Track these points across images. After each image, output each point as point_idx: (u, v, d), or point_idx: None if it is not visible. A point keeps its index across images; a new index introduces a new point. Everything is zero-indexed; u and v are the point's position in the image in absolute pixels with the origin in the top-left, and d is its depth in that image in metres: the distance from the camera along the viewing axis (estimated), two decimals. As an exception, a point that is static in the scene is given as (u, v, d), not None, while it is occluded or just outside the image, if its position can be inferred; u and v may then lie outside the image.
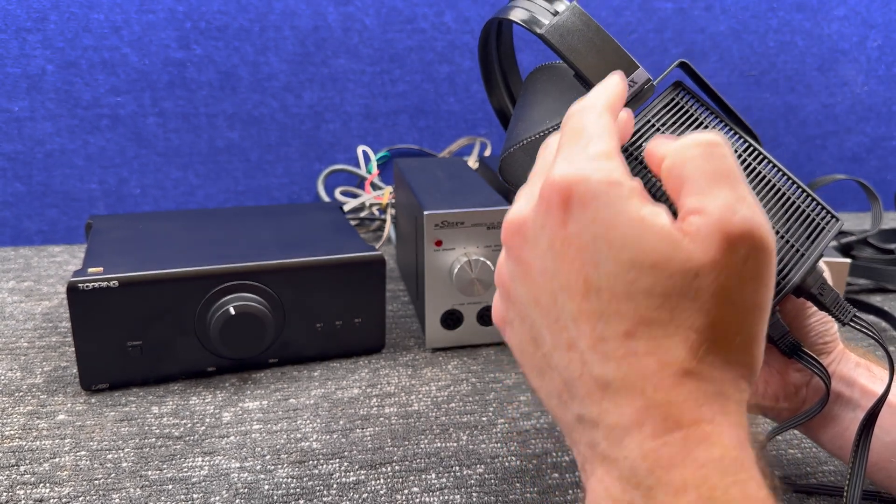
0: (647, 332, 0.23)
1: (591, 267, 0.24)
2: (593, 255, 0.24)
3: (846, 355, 0.37)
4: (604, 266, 0.24)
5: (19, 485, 0.40)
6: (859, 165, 0.94)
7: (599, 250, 0.24)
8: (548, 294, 0.26)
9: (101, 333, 0.47)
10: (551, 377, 0.26)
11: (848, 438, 0.36)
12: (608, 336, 0.24)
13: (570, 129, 0.27)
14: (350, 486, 0.41)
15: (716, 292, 0.23)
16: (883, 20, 0.88)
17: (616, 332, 0.24)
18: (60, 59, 0.72)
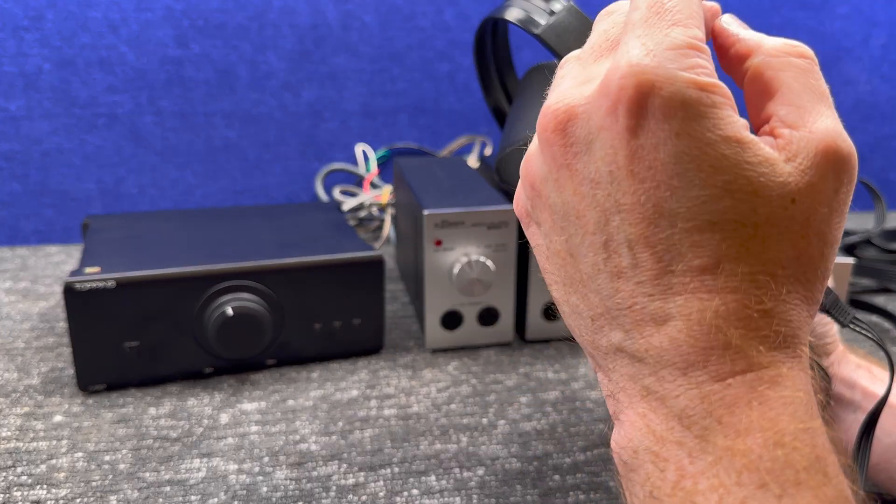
0: (731, 268, 0.20)
1: (666, 190, 0.20)
2: (673, 177, 0.20)
3: (846, 357, 0.37)
4: (688, 191, 0.20)
5: (16, 486, 0.40)
6: (863, 164, 0.94)
7: (683, 172, 0.20)
8: (597, 211, 0.22)
9: (98, 334, 0.47)
10: (587, 299, 0.23)
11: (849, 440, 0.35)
12: (677, 269, 0.21)
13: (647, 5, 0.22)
14: (349, 489, 0.40)
15: (807, 221, 0.21)
16: (887, 18, 0.88)
17: (689, 266, 0.21)
18: (57, 57, 0.72)
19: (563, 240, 0.24)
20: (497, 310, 0.55)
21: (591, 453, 0.44)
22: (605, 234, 0.22)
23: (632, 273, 0.22)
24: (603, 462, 0.43)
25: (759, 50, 0.23)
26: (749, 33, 0.24)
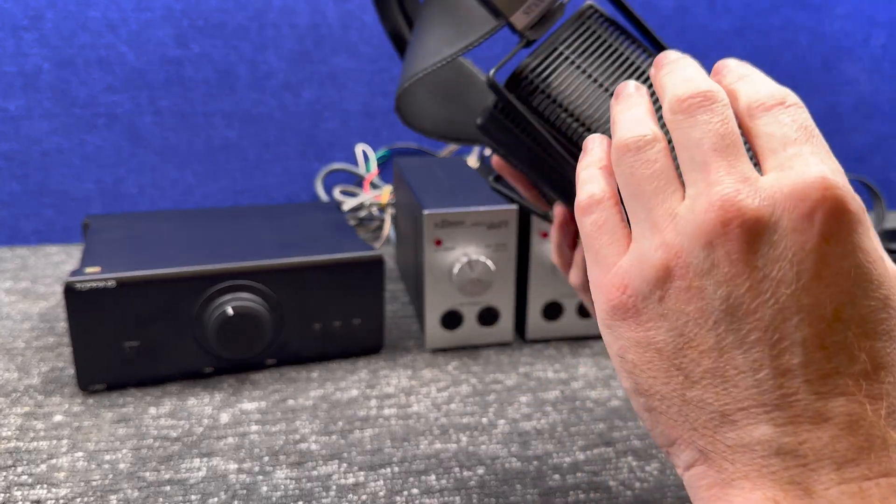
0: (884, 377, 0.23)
1: (846, 296, 0.23)
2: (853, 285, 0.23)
3: None
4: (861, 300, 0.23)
5: (16, 486, 0.40)
6: (863, 164, 0.94)
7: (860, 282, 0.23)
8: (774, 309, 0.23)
9: (98, 334, 0.47)
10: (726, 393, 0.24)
11: None
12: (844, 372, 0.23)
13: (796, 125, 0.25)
14: (349, 488, 0.40)
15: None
16: (887, 18, 0.88)
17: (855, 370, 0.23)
18: (57, 57, 0.72)
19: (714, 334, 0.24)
20: (497, 310, 0.55)
21: (591, 453, 0.44)
22: (778, 332, 0.23)
23: (800, 371, 0.23)
24: (603, 462, 0.43)
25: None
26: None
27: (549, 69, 0.29)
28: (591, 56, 0.30)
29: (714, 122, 0.25)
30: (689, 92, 0.26)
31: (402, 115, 0.35)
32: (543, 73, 0.29)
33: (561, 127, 0.29)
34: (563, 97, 0.29)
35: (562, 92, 0.29)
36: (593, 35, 0.30)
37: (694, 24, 0.84)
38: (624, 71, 0.30)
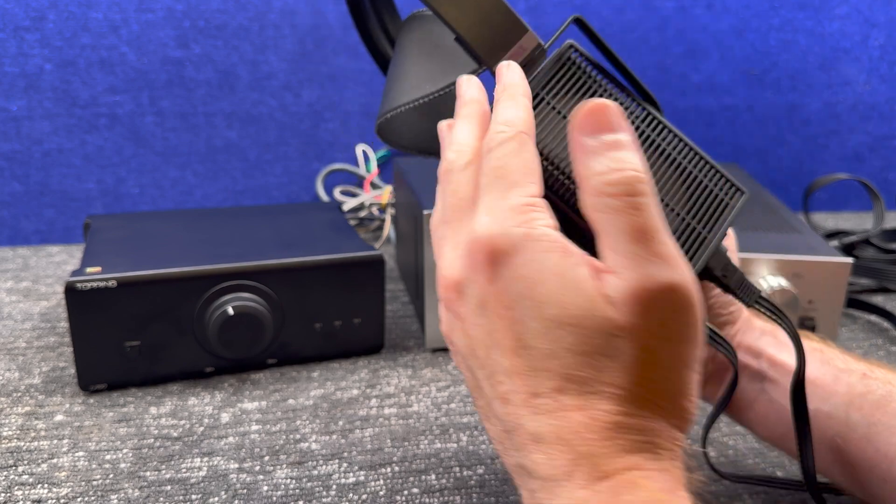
0: (574, 388, 0.24)
1: (519, 325, 0.25)
2: (520, 312, 0.25)
3: (750, 324, 0.37)
4: (530, 323, 0.24)
5: (17, 485, 0.40)
6: (861, 164, 0.94)
7: (525, 308, 0.25)
8: (483, 348, 0.26)
9: (99, 334, 0.47)
10: (494, 424, 0.27)
11: (758, 411, 0.36)
12: (540, 391, 0.24)
13: (492, 169, 0.26)
14: (349, 487, 0.40)
15: (637, 354, 0.24)
16: (885, 19, 0.88)
17: (546, 388, 0.24)
18: (58, 58, 0.72)
19: (470, 375, 0.28)
20: (497, 309, 0.55)
21: (591, 452, 0.44)
22: (490, 366, 0.26)
23: (513, 398, 0.25)
24: (602, 461, 0.43)
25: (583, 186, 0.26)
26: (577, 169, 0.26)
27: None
28: (570, 98, 0.29)
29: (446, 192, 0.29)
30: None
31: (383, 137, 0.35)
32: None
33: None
34: (542, 143, 0.28)
35: (540, 138, 0.28)
36: (572, 77, 0.30)
37: (693, 24, 0.85)
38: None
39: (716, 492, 0.40)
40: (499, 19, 0.28)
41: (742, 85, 0.88)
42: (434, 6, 0.28)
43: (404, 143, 0.36)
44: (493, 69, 0.29)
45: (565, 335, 0.24)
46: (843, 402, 0.34)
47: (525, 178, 0.26)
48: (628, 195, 0.24)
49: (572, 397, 0.24)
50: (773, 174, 0.92)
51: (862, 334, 0.61)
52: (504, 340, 0.25)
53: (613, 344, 0.24)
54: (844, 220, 0.90)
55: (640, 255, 0.24)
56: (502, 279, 0.25)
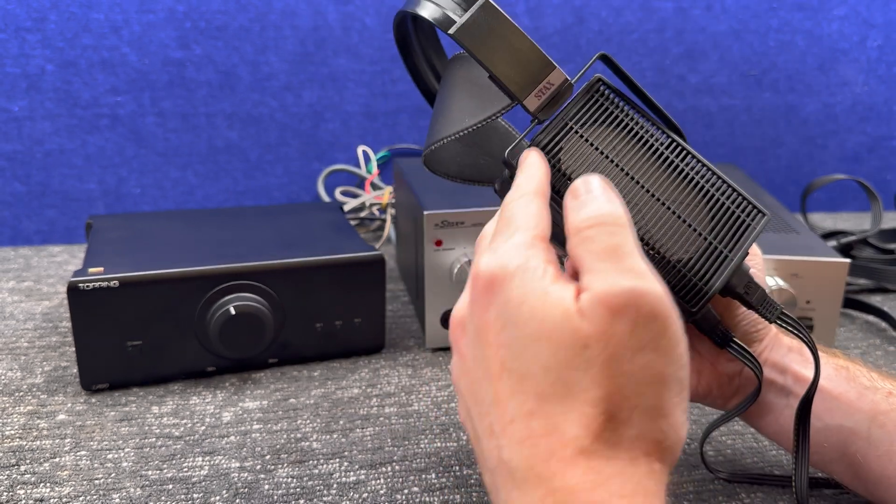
0: (545, 410, 0.24)
1: (504, 349, 0.25)
2: (506, 335, 0.25)
3: (778, 341, 0.37)
4: (513, 345, 0.25)
5: (20, 484, 0.40)
6: (860, 165, 0.94)
7: (510, 329, 0.25)
8: (477, 382, 0.27)
9: (101, 333, 0.47)
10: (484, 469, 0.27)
11: (783, 424, 0.37)
12: (516, 417, 0.24)
13: (502, 220, 0.28)
14: (350, 486, 0.41)
15: (605, 363, 0.24)
16: (883, 20, 0.88)
17: (521, 412, 0.24)
18: (60, 58, 0.72)
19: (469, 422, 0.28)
20: (497, 309, 0.56)
21: (590, 451, 0.44)
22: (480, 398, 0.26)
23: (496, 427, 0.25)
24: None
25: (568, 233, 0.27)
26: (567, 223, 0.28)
27: (559, 144, 0.31)
28: (598, 128, 0.32)
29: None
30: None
31: (430, 167, 0.38)
32: (553, 149, 0.31)
33: None
34: (572, 170, 0.31)
35: (570, 165, 0.31)
36: (600, 108, 0.32)
37: (693, 26, 0.85)
38: (628, 141, 0.32)
39: (713, 490, 0.41)
40: (528, 58, 0.30)
41: (740, 86, 0.88)
42: (470, 48, 0.30)
43: (451, 173, 0.39)
44: (525, 105, 0.31)
45: (540, 351, 0.24)
46: (866, 419, 0.34)
47: (529, 223, 0.28)
48: (601, 225, 0.26)
49: (542, 420, 0.24)
50: (771, 175, 0.93)
51: (860, 334, 0.61)
52: (493, 367, 0.26)
53: (583, 356, 0.24)
54: (842, 220, 0.90)
55: (610, 269, 0.25)
56: (495, 306, 0.26)
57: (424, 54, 0.40)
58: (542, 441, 0.24)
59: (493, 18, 0.30)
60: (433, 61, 0.40)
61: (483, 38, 0.30)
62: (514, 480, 0.24)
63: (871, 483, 0.34)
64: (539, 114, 0.31)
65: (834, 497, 0.39)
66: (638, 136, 0.32)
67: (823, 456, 0.36)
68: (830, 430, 0.35)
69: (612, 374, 0.24)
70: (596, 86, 0.33)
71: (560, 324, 0.24)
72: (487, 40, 0.30)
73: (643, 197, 0.31)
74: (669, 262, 0.30)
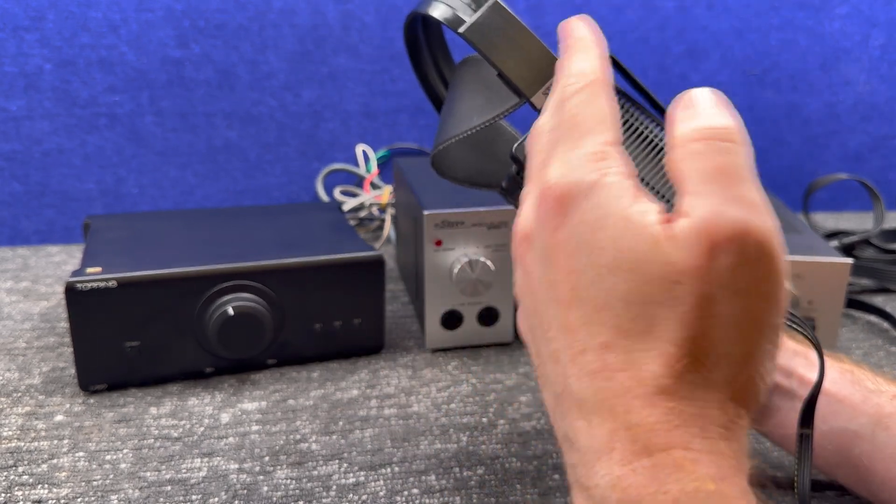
0: (622, 345, 0.22)
1: (576, 274, 0.23)
2: (578, 260, 0.23)
3: (784, 344, 0.37)
4: (587, 272, 0.23)
5: (17, 486, 0.40)
6: (862, 164, 0.94)
7: (583, 255, 0.23)
8: (543, 304, 0.25)
9: (99, 334, 0.47)
10: (547, 390, 0.25)
11: (789, 427, 0.36)
12: (588, 348, 0.22)
13: (565, 120, 0.25)
14: (349, 488, 0.40)
15: (698, 303, 0.21)
16: (885, 18, 0.88)
17: (595, 344, 0.22)
18: (58, 57, 0.72)
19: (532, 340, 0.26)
20: (497, 310, 0.56)
21: (591, 453, 0.44)
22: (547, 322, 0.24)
23: (562, 356, 0.24)
24: (602, 461, 0.43)
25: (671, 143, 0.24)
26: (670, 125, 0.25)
27: None
28: None
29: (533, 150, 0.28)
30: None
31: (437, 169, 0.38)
32: None
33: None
34: None
35: None
36: None
37: (694, 24, 0.84)
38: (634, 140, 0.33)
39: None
40: (536, 56, 0.31)
41: (742, 85, 0.88)
42: (479, 47, 0.31)
43: (458, 177, 0.39)
44: (532, 102, 0.32)
45: (619, 282, 0.22)
46: (871, 422, 0.34)
47: (599, 126, 0.25)
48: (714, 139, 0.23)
49: (618, 355, 0.22)
50: (773, 174, 0.92)
51: (862, 335, 0.61)
52: (562, 293, 0.23)
53: (673, 292, 0.21)
54: (844, 220, 0.90)
55: (717, 193, 0.22)
56: (567, 226, 0.23)
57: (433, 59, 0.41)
58: (617, 375, 0.22)
59: (502, 18, 0.31)
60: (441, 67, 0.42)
61: (492, 36, 0.31)
62: (581, 411, 0.22)
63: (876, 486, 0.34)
64: None
65: (836, 499, 0.39)
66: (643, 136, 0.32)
67: (828, 459, 0.36)
68: (835, 434, 0.35)
69: (703, 315, 0.21)
70: None
71: (646, 254, 0.21)
72: (497, 39, 0.30)
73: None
74: None
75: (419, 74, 0.42)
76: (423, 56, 0.41)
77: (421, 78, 0.42)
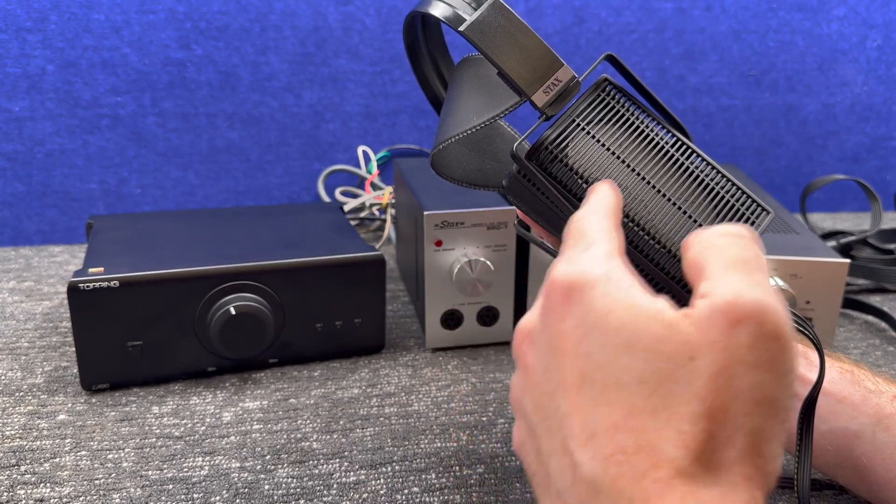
0: (636, 425, 0.22)
1: (584, 358, 0.23)
2: (588, 344, 0.23)
3: None
4: (597, 354, 0.23)
5: (20, 485, 0.40)
6: (859, 165, 0.94)
7: (594, 339, 0.23)
8: (547, 396, 0.25)
9: (101, 333, 0.47)
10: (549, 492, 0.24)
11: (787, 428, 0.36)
12: (598, 430, 0.22)
13: (573, 233, 0.27)
14: (350, 486, 0.41)
15: (714, 376, 0.21)
16: (883, 20, 0.88)
17: (606, 425, 0.22)
18: (60, 59, 0.72)
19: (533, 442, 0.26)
20: (497, 309, 0.56)
21: (590, 451, 0.44)
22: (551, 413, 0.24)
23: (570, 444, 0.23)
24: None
25: (692, 243, 0.26)
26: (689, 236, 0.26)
27: (567, 140, 0.32)
28: (605, 126, 0.32)
29: None
30: None
31: (437, 169, 0.38)
32: (561, 144, 0.31)
33: (576, 191, 0.31)
34: (579, 165, 0.31)
35: (578, 160, 0.31)
36: (607, 106, 0.33)
37: (692, 26, 0.85)
38: (634, 139, 0.33)
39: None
40: (536, 55, 0.31)
41: (740, 86, 0.88)
42: (480, 45, 0.31)
43: (457, 177, 0.39)
44: (533, 100, 0.32)
45: (633, 361, 0.22)
46: (871, 423, 0.34)
47: (605, 237, 0.26)
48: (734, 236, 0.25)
49: (634, 436, 0.21)
50: (770, 175, 0.93)
51: (859, 335, 0.61)
52: (568, 379, 0.23)
53: (689, 367, 0.21)
54: (842, 220, 0.90)
55: (739, 278, 0.23)
56: (575, 315, 0.24)
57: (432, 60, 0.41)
58: (633, 458, 0.21)
59: (502, 16, 0.31)
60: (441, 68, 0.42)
61: (493, 35, 0.31)
62: (597, 499, 0.22)
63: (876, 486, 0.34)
64: (547, 109, 0.32)
65: (833, 498, 0.39)
66: (644, 134, 0.33)
67: (828, 459, 0.36)
68: (835, 433, 0.35)
69: (719, 389, 0.21)
70: (602, 85, 0.33)
71: (661, 334, 0.22)
72: (497, 37, 0.31)
73: (649, 193, 0.31)
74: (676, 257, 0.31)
75: (419, 75, 0.42)
76: (423, 57, 0.41)
77: (420, 79, 0.42)
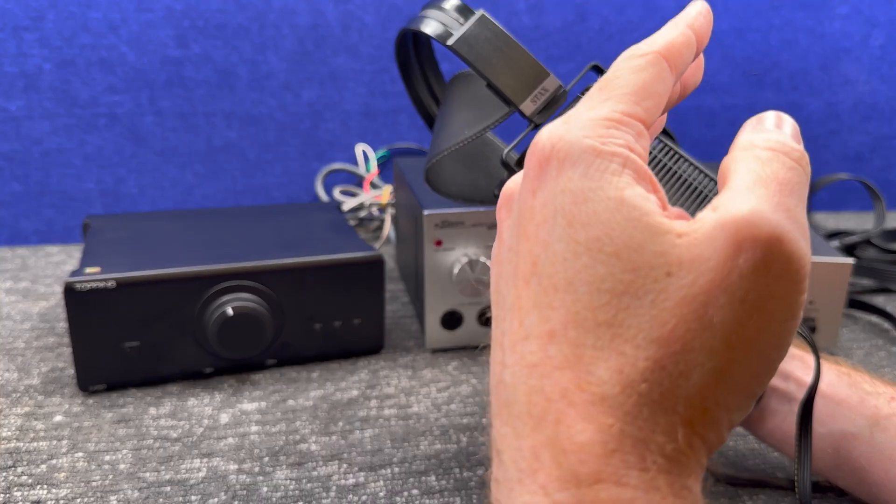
0: (572, 336, 0.18)
1: (542, 246, 0.19)
2: (551, 230, 0.19)
3: None
4: (555, 246, 0.19)
5: (16, 486, 0.40)
6: (863, 165, 0.94)
7: (556, 227, 0.19)
8: (503, 278, 0.21)
9: (98, 334, 0.47)
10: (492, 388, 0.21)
11: (786, 431, 0.36)
12: (532, 335, 0.19)
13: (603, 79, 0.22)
14: (349, 489, 0.40)
15: (687, 298, 0.17)
16: (886, 18, 0.88)
17: (541, 331, 0.18)
18: (58, 57, 0.72)
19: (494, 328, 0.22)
20: (497, 310, 0.55)
21: (591, 453, 0.44)
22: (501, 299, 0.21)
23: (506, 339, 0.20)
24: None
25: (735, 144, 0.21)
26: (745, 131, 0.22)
27: None
28: None
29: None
30: None
31: (431, 184, 0.38)
32: None
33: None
34: None
35: None
36: None
37: (694, 24, 0.84)
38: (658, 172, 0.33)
39: (715, 492, 0.40)
40: (522, 65, 0.32)
41: (742, 85, 0.88)
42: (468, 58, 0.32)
43: (452, 192, 0.39)
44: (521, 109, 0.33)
45: (595, 265, 0.18)
46: (869, 424, 0.34)
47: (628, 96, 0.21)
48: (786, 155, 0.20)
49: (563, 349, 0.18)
50: (773, 174, 0.92)
51: (863, 335, 0.60)
52: (522, 267, 0.20)
53: (660, 285, 0.17)
54: (845, 220, 0.90)
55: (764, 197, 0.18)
56: (546, 191, 0.20)
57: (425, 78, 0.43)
58: (556, 373, 0.18)
59: (489, 30, 0.32)
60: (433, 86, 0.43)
61: (480, 48, 0.32)
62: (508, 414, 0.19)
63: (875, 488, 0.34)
64: (535, 118, 0.33)
65: (836, 499, 0.39)
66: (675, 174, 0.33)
67: (826, 462, 0.36)
68: (833, 436, 0.35)
69: (686, 316, 0.17)
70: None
71: (638, 240, 0.18)
72: (484, 50, 0.32)
73: None
74: None
75: (412, 94, 0.43)
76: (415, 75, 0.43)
77: (413, 97, 0.43)
